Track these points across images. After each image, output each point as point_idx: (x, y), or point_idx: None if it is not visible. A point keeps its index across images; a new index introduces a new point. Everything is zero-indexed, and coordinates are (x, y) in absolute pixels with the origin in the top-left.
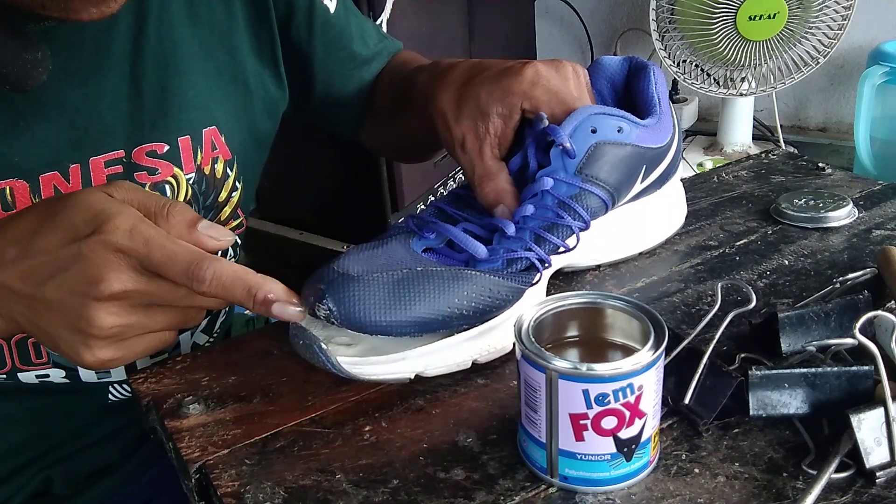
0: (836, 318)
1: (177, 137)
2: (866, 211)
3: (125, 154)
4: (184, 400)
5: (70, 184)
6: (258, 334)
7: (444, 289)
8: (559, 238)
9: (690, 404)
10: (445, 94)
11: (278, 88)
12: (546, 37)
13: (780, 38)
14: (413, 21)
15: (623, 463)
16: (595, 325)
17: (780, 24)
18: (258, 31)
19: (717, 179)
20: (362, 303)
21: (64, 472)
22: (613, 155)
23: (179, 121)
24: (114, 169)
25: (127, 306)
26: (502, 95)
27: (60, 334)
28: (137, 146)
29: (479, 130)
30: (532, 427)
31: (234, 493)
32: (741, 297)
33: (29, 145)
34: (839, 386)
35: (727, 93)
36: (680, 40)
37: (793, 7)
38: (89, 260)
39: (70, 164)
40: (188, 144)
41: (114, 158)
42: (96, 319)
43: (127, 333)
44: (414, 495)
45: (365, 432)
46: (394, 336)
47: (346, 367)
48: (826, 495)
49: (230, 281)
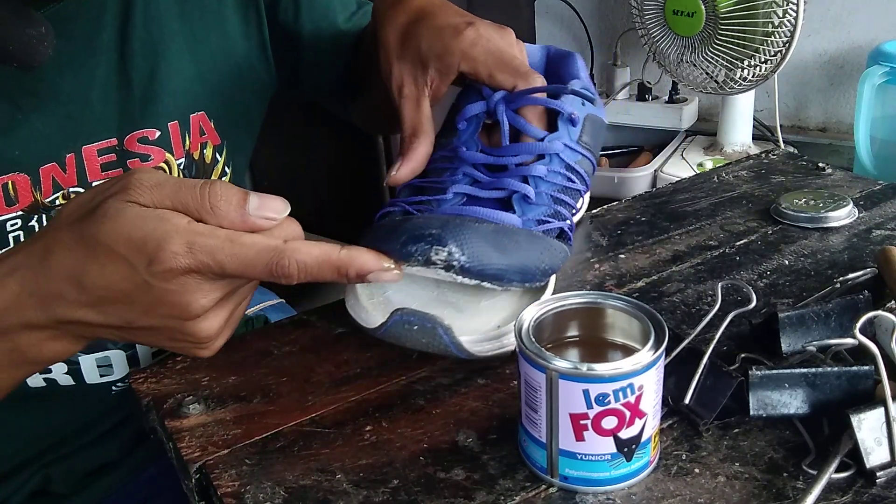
0: (836, 318)
1: (167, 123)
2: (866, 211)
3: (118, 142)
4: (184, 400)
5: (66, 174)
6: (258, 334)
7: (531, 244)
8: (573, 201)
9: (690, 404)
10: (391, 28)
11: (267, 72)
12: (546, 37)
13: (703, 38)
14: None
15: (623, 463)
16: (595, 325)
17: (699, 24)
18: (246, 14)
19: (717, 179)
20: (482, 246)
21: (63, 470)
22: (598, 126)
23: (168, 106)
24: (107, 157)
25: (222, 305)
26: (441, 52)
27: (166, 344)
28: (129, 133)
29: (418, 80)
30: (532, 427)
31: (234, 493)
32: (741, 297)
33: (28, 139)
34: (839, 386)
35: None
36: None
37: (708, 8)
38: (163, 291)
39: (66, 155)
40: (177, 129)
41: (107, 147)
42: (199, 332)
43: (231, 319)
44: (414, 495)
45: (365, 432)
46: (503, 284)
47: (468, 347)
48: (826, 495)
49: (317, 267)
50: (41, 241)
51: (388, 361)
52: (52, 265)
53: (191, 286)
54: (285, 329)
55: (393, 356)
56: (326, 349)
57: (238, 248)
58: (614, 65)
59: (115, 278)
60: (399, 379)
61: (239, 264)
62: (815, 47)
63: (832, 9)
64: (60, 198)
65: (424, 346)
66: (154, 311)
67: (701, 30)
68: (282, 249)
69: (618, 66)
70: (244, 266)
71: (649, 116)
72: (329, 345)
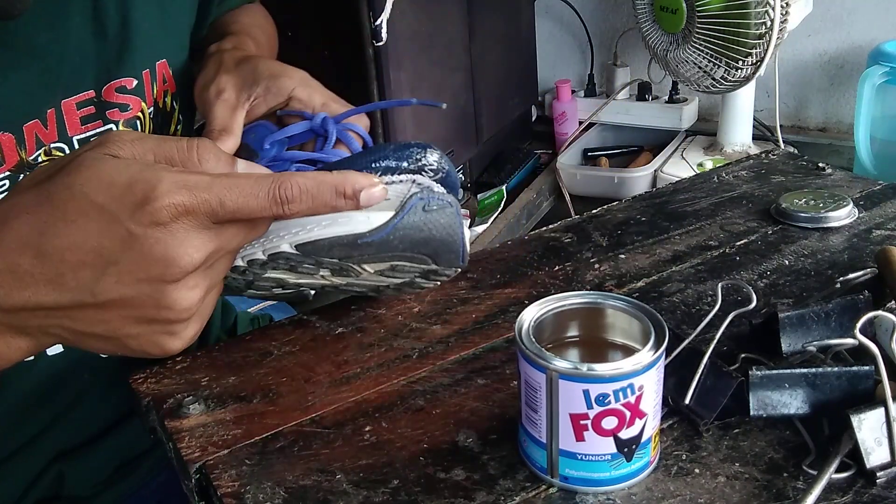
0: (837, 318)
1: (141, 71)
2: (866, 211)
3: (95, 94)
4: (184, 400)
5: (48, 129)
6: (258, 334)
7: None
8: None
9: (691, 404)
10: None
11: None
12: (546, 37)
13: (685, 35)
14: (413, 21)
15: (623, 463)
16: (595, 325)
17: (681, 21)
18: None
19: (717, 179)
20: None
21: (79, 471)
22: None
23: (142, 54)
24: (86, 110)
25: (203, 271)
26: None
27: (130, 333)
28: (106, 84)
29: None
30: (532, 427)
31: (234, 494)
32: (741, 297)
33: (9, 96)
34: (839, 386)
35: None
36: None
37: (688, 7)
38: (150, 242)
39: (47, 110)
40: (149, 78)
41: (85, 99)
42: (178, 302)
43: (206, 300)
44: (414, 495)
45: (365, 432)
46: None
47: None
48: (826, 495)
49: (316, 187)
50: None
51: (388, 361)
52: (5, 237)
53: (180, 235)
54: (285, 329)
55: (393, 356)
56: (326, 349)
57: (234, 181)
58: (614, 65)
59: (89, 234)
60: (399, 379)
61: (239, 194)
62: (815, 47)
63: (832, 9)
64: (42, 154)
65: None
66: (131, 273)
67: (683, 27)
68: (280, 176)
69: (618, 66)
70: (245, 196)
71: (649, 116)
72: (329, 345)
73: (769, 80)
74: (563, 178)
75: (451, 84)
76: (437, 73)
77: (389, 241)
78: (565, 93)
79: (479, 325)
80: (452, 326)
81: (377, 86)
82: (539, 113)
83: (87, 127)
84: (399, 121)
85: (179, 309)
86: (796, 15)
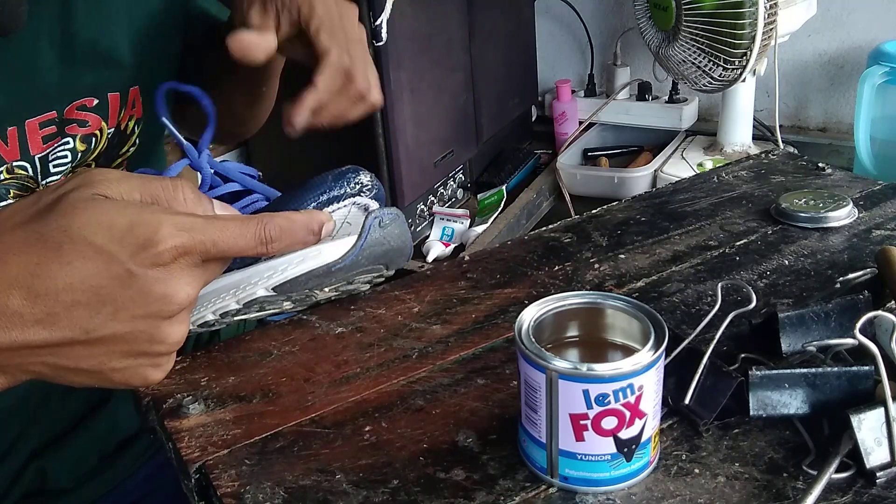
0: (836, 318)
1: (107, 93)
2: (866, 211)
3: (57, 114)
4: (184, 400)
5: (9, 147)
6: (258, 334)
7: None
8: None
9: (690, 404)
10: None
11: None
12: (546, 37)
13: (674, 32)
14: (413, 21)
15: (623, 463)
16: (595, 325)
17: (671, 19)
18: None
19: (717, 179)
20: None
21: (60, 463)
22: None
23: (110, 78)
24: (48, 129)
25: (189, 310)
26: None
27: (116, 367)
28: (69, 104)
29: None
30: (532, 427)
31: (234, 494)
32: (741, 297)
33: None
34: (839, 386)
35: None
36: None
37: (677, 4)
38: (150, 281)
39: (8, 128)
40: (116, 101)
41: (48, 119)
42: (170, 336)
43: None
44: (414, 495)
45: (365, 432)
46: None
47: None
48: (826, 496)
49: (290, 228)
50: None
51: (387, 361)
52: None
53: (177, 274)
54: (285, 329)
55: (393, 356)
56: (326, 349)
57: (224, 223)
58: (614, 65)
59: (86, 274)
60: (399, 379)
61: (230, 235)
62: (815, 47)
63: (832, 9)
64: (5, 172)
65: (396, 246)
66: (128, 310)
67: (673, 24)
68: (260, 219)
69: (618, 66)
70: (235, 237)
71: (649, 116)
72: (329, 345)
73: (769, 80)
74: (563, 178)
75: (451, 84)
76: (437, 73)
77: (358, 261)
78: (565, 93)
79: (478, 325)
80: (452, 326)
81: None
82: (539, 113)
83: (49, 144)
84: (399, 121)
85: (171, 342)
86: (798, 17)
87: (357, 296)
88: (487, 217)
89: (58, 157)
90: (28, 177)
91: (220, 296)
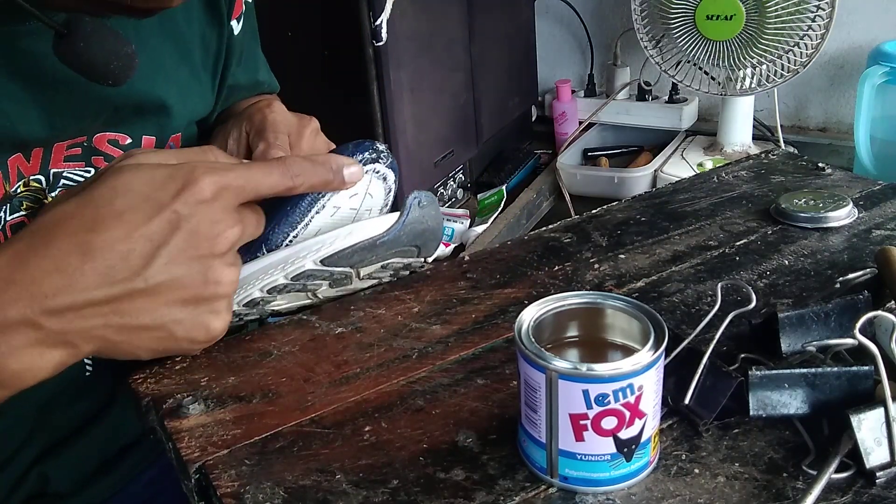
0: (836, 318)
1: (141, 135)
2: (866, 211)
3: (87, 139)
4: (184, 400)
5: (30, 163)
6: (258, 334)
7: None
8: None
9: (690, 404)
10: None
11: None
12: (546, 37)
13: (741, 40)
14: (413, 21)
15: (623, 463)
16: (595, 325)
17: (738, 26)
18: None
19: (717, 179)
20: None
21: (61, 469)
22: None
23: (151, 123)
24: (73, 151)
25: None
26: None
27: (177, 317)
28: (99, 133)
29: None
30: (532, 427)
31: (234, 494)
32: (741, 297)
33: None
34: (839, 386)
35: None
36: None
37: (750, 10)
38: (196, 217)
39: (34, 148)
40: (151, 145)
41: (75, 143)
42: (224, 276)
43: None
44: (414, 495)
45: (365, 432)
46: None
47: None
48: (826, 496)
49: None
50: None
51: (387, 361)
52: (52, 241)
53: (220, 211)
54: (285, 329)
55: (393, 356)
56: (326, 349)
57: (251, 164)
58: (614, 65)
59: (137, 223)
60: (399, 379)
61: (258, 173)
62: None
63: None
64: (21, 186)
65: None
66: (181, 251)
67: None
68: (283, 158)
69: (618, 66)
70: (263, 174)
71: (649, 116)
72: (328, 345)
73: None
74: (563, 178)
75: (451, 84)
76: (437, 73)
77: (399, 238)
78: (565, 93)
79: (478, 325)
80: (452, 326)
81: (377, 86)
82: (539, 113)
83: (69, 164)
84: (399, 121)
85: (226, 282)
86: None
87: (357, 296)
88: (487, 217)
89: (73, 179)
90: (40, 189)
91: (269, 272)
